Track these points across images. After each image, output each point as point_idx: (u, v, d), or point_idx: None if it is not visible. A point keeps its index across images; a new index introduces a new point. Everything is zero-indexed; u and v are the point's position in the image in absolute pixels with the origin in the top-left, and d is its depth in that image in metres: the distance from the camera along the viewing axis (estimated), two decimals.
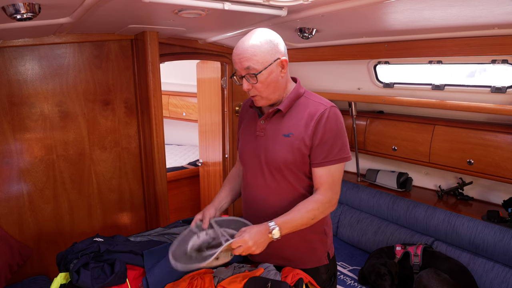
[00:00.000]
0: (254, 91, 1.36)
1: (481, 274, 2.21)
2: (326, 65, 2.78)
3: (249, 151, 1.49)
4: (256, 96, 1.38)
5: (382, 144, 2.92)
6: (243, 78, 1.34)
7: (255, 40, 1.30)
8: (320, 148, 1.35)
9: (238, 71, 1.35)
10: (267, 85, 1.34)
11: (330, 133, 1.35)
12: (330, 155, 1.36)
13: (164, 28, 2.24)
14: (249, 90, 1.36)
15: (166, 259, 1.58)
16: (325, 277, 1.56)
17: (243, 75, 1.33)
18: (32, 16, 1.35)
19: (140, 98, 2.60)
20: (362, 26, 1.91)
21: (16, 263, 2.25)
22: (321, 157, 1.36)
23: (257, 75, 1.31)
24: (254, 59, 1.29)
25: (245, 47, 1.30)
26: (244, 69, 1.32)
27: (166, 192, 2.66)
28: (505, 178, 2.23)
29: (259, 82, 1.32)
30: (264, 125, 1.45)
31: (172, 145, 5.20)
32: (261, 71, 1.31)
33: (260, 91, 1.35)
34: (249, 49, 1.29)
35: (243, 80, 1.34)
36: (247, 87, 1.35)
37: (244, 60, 1.30)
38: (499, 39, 1.75)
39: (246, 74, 1.32)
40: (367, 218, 2.94)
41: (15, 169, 2.32)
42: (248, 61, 1.30)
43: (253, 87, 1.34)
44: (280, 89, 1.40)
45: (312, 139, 1.35)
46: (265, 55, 1.30)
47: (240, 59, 1.31)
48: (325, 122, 1.34)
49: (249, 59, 1.30)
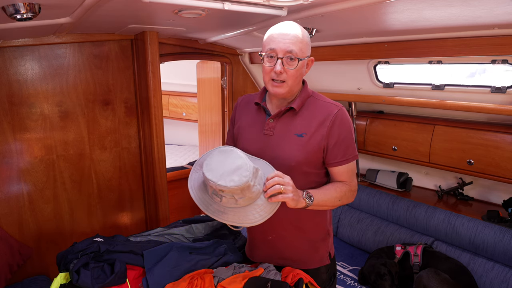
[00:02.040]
0: (283, 76, 1.32)
1: (481, 274, 2.21)
2: (326, 65, 2.78)
3: (254, 150, 1.45)
4: (283, 83, 1.34)
5: (382, 144, 2.92)
6: (279, 59, 1.30)
7: (301, 31, 1.32)
8: (337, 148, 1.37)
9: (274, 51, 1.30)
10: (297, 76, 1.35)
11: (345, 133, 1.38)
12: (347, 153, 1.39)
13: (164, 28, 2.24)
14: (281, 74, 1.31)
15: (166, 259, 1.58)
16: (325, 277, 1.57)
17: (281, 57, 1.30)
18: (32, 16, 1.35)
19: (140, 98, 2.60)
20: (362, 26, 1.91)
21: (16, 263, 2.25)
22: (339, 156, 1.38)
23: (300, 61, 1.31)
24: (300, 45, 1.30)
25: (295, 33, 1.30)
26: (286, 51, 1.29)
27: (166, 192, 2.66)
28: (505, 178, 2.23)
29: (295, 69, 1.32)
30: (273, 123, 1.43)
31: (172, 145, 5.21)
32: (302, 59, 1.32)
33: (290, 77, 1.33)
34: (298, 36, 1.30)
35: (278, 61, 1.30)
36: (280, 70, 1.30)
37: (290, 43, 1.29)
38: (499, 39, 1.75)
39: (285, 57, 1.30)
40: (367, 218, 2.94)
41: (15, 169, 2.32)
42: (295, 45, 1.29)
43: (285, 71, 1.32)
44: (300, 85, 1.42)
45: (328, 139, 1.36)
46: (306, 48, 1.34)
47: (285, 40, 1.28)
48: (340, 123, 1.37)
49: (296, 43, 1.29)
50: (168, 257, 1.59)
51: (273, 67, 1.31)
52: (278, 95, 1.38)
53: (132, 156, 2.75)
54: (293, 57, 1.29)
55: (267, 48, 1.32)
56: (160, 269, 1.54)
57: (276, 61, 1.31)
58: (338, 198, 1.38)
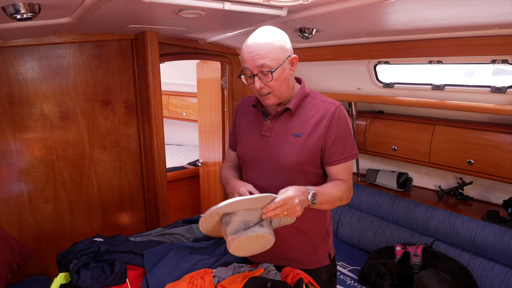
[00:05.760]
0: (266, 89, 1.32)
1: (481, 274, 2.21)
2: (326, 65, 2.78)
3: (253, 152, 1.46)
4: (268, 95, 1.34)
5: (382, 144, 2.92)
6: (255, 76, 1.30)
7: (267, 37, 1.28)
8: (335, 147, 1.36)
9: (249, 70, 1.30)
10: (281, 83, 1.33)
11: (343, 131, 1.37)
12: (344, 152, 1.38)
13: (164, 28, 2.24)
14: (262, 88, 1.32)
15: (166, 259, 1.58)
16: (325, 277, 1.57)
17: (255, 74, 1.30)
18: (32, 16, 1.35)
19: (140, 98, 2.60)
20: (362, 26, 1.91)
21: (16, 263, 2.25)
22: (336, 155, 1.37)
23: (273, 72, 1.28)
24: (269, 56, 1.27)
25: (259, 44, 1.27)
26: (257, 67, 1.28)
27: (166, 192, 2.66)
28: (505, 178, 2.23)
29: (273, 80, 1.30)
30: (271, 125, 1.43)
31: (172, 145, 5.20)
32: (276, 68, 1.28)
33: (273, 89, 1.32)
34: (263, 46, 1.27)
35: (255, 78, 1.30)
36: (260, 86, 1.31)
37: (258, 58, 1.27)
38: (499, 39, 1.75)
39: (259, 72, 1.29)
40: (367, 218, 2.94)
41: (15, 169, 2.32)
42: (262, 58, 1.27)
43: (265, 85, 1.31)
44: (290, 87, 1.40)
45: (325, 138, 1.35)
46: (279, 52, 1.29)
47: (252, 57, 1.27)
48: (337, 121, 1.35)
49: (263, 57, 1.27)
50: (168, 257, 1.59)
51: (254, 84, 1.32)
52: (271, 105, 1.39)
53: (132, 156, 2.75)
54: (265, 71, 1.28)
55: (243, 68, 1.33)
56: (160, 269, 1.54)
57: (254, 78, 1.31)
58: (339, 197, 1.36)
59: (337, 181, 1.39)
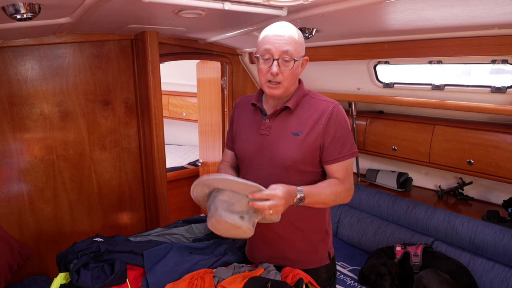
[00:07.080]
0: (280, 77, 1.32)
1: (481, 274, 2.21)
2: (326, 65, 2.78)
3: (251, 150, 1.47)
4: (278, 84, 1.34)
5: (382, 144, 2.92)
6: (274, 61, 1.30)
7: (295, 31, 1.33)
8: (333, 145, 1.37)
9: (270, 52, 1.30)
10: (293, 76, 1.35)
11: (341, 130, 1.37)
12: (343, 151, 1.38)
13: (164, 28, 2.24)
14: (277, 75, 1.31)
15: (166, 259, 1.58)
16: (325, 276, 1.57)
17: (277, 58, 1.30)
18: (32, 16, 1.35)
19: (140, 98, 2.60)
20: (362, 26, 1.91)
21: (16, 263, 2.25)
22: (335, 153, 1.38)
23: (296, 61, 1.31)
24: (295, 46, 1.30)
25: (289, 32, 1.30)
26: (281, 52, 1.29)
27: (166, 192, 2.66)
28: (505, 178, 2.23)
29: (291, 70, 1.32)
30: (270, 123, 1.43)
31: (172, 145, 5.20)
32: (298, 59, 1.32)
33: (286, 79, 1.33)
34: (292, 36, 1.30)
35: (274, 63, 1.30)
36: (276, 71, 1.30)
37: (285, 43, 1.29)
38: (499, 39, 1.75)
39: (280, 58, 1.30)
40: (367, 218, 2.94)
41: (15, 169, 2.32)
42: (290, 45, 1.29)
43: (281, 72, 1.32)
44: (296, 84, 1.42)
45: (324, 136, 1.36)
46: (301, 47, 1.34)
47: (280, 41, 1.29)
48: (336, 120, 1.36)
49: (291, 44, 1.29)
50: (168, 257, 1.59)
51: (269, 68, 1.31)
52: (275, 96, 1.38)
53: (132, 156, 2.75)
54: (288, 58, 1.29)
55: (262, 49, 1.32)
56: (160, 269, 1.54)
57: (272, 62, 1.30)
58: (332, 198, 1.36)
59: (332, 180, 1.39)
